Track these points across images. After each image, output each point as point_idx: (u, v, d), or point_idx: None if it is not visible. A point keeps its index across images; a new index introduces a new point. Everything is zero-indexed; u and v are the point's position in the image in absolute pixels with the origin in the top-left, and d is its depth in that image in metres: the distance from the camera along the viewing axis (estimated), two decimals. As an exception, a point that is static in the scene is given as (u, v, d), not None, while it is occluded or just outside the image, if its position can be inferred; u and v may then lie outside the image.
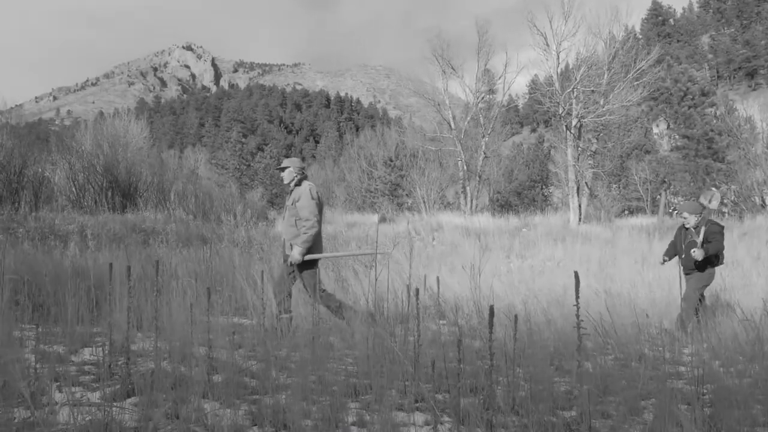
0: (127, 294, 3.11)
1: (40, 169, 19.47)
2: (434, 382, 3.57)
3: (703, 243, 6.25)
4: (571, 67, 30.33)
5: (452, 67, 34.83)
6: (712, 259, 6.36)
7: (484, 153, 35.38)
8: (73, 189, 19.05)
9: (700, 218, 6.47)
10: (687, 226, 6.54)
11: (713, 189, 7.11)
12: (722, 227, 6.47)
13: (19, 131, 20.41)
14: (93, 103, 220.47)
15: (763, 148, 32.03)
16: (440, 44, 35.09)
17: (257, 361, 3.76)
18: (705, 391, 3.47)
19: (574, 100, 28.12)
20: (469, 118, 35.79)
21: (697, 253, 6.13)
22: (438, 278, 5.33)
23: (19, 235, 8.10)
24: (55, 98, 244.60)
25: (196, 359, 3.37)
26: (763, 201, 30.36)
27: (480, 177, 35.94)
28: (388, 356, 3.80)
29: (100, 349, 3.27)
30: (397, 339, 4.02)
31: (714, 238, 6.28)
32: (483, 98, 36.09)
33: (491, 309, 2.93)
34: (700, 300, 6.36)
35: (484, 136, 35.25)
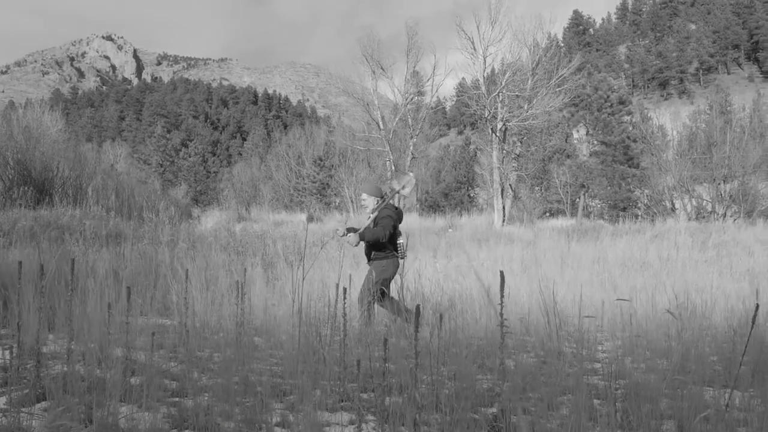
0: (38, 294, 2.94)
1: None
2: (360, 381, 3.57)
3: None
4: (497, 71, 31.22)
5: (382, 68, 35.07)
6: (387, 248, 5.59)
7: (412, 154, 35.86)
8: None
9: (381, 202, 5.74)
10: (367, 210, 5.85)
11: (410, 174, 6.31)
12: (396, 212, 5.66)
13: None
14: (2, 92, 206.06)
15: (674, 154, 34.17)
16: (371, 44, 35.28)
17: (178, 362, 3.65)
18: (617, 386, 3.64)
19: (499, 104, 28.94)
20: (397, 119, 36.13)
21: (351, 239, 5.43)
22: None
23: None
24: None
25: (112, 361, 3.24)
26: (673, 205, 32.42)
27: (408, 177, 36.34)
28: (314, 356, 3.78)
29: (8, 351, 3.07)
30: (324, 338, 4.01)
31: (381, 223, 5.49)
32: (412, 99, 36.52)
33: (417, 308, 2.98)
34: (383, 295, 5.57)
35: (412, 137, 35.72)
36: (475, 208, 43.24)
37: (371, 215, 5.69)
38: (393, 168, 34.70)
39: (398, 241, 5.73)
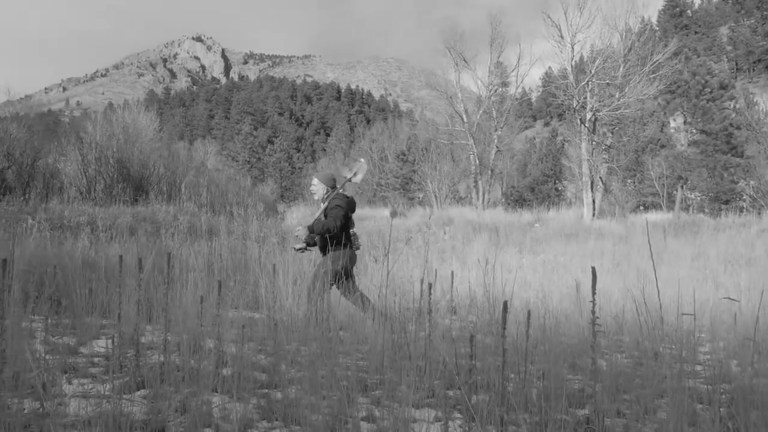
0: (137, 286, 3.10)
1: (51, 161, 19.57)
2: (445, 378, 3.54)
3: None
4: (585, 59, 30.03)
5: (465, 60, 34.62)
6: (340, 239, 5.31)
7: (497, 147, 35.16)
8: (84, 180, 19.09)
9: (330, 191, 5.47)
10: (315, 197, 5.58)
11: (361, 160, 5.97)
12: (346, 201, 5.38)
13: (29, 122, 20.51)
14: (102, 94, 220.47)
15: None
16: (453, 36, 34.93)
17: (267, 355, 3.75)
18: (722, 390, 3.41)
19: (588, 93, 27.81)
20: (481, 112, 35.56)
21: (300, 232, 5.22)
22: (452, 273, 5.29)
23: (29, 226, 8.18)
24: (64, 89, 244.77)
25: (205, 352, 3.37)
26: (782, 197, 29.93)
27: (492, 171, 35.75)
28: (399, 352, 3.78)
29: (110, 341, 3.28)
30: (409, 334, 3.99)
31: (331, 213, 5.24)
32: (496, 91, 35.82)
33: (505, 305, 2.90)
34: (347, 287, 5.30)
35: (496, 130, 35.02)
36: (563, 202, 41.81)
37: (322, 205, 5.43)
38: (477, 162, 34.22)
39: (351, 231, 5.49)
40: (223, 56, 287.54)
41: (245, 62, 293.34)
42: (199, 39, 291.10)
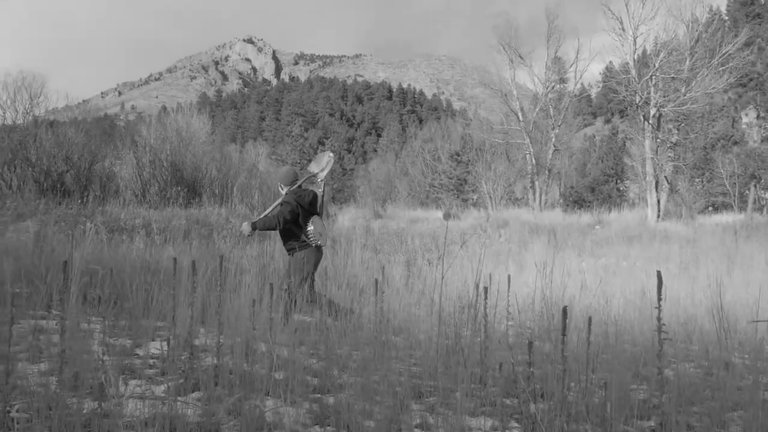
0: (191, 289, 3.16)
1: (107, 164, 20.37)
2: (502, 385, 3.45)
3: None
4: (649, 52, 28.91)
5: (520, 56, 34.00)
6: (298, 237, 5.23)
7: (554, 146, 34.35)
8: (139, 183, 19.72)
9: (290, 187, 5.38)
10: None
11: (328, 153, 5.87)
12: (298, 197, 5.26)
13: (87, 126, 21.38)
14: (156, 97, 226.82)
15: None
16: (507, 32, 34.35)
17: (319, 359, 3.75)
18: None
19: (652, 88, 26.80)
20: (538, 109, 34.84)
21: (244, 227, 5.12)
22: (509, 277, 5.17)
23: (87, 229, 8.56)
24: (120, 93, 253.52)
25: (258, 356, 3.39)
26: None
27: (550, 171, 34.97)
28: (453, 357, 3.71)
29: (165, 343, 3.34)
30: (463, 340, 3.92)
31: (277, 210, 5.19)
32: (553, 88, 35.01)
33: (564, 310, 2.80)
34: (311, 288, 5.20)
35: (554, 128, 34.22)
36: (626, 202, 40.47)
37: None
38: (534, 161, 33.54)
39: (308, 228, 5.29)
40: (274, 57, 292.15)
41: (296, 63, 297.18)
42: (250, 41, 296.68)
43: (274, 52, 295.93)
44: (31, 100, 19.32)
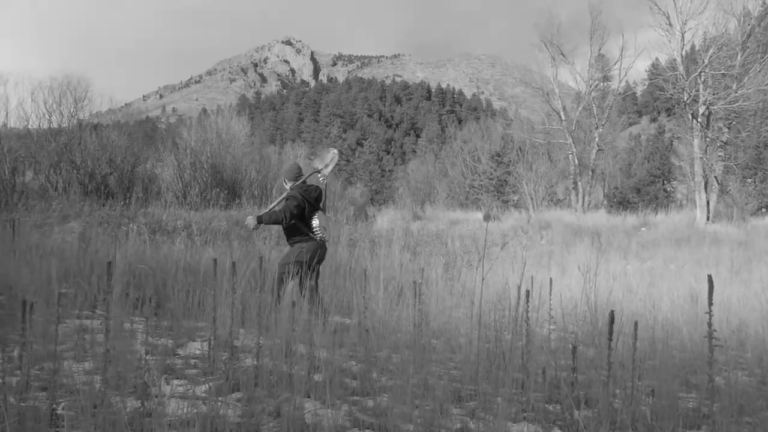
0: (231, 290, 3.19)
1: (149, 166, 20.82)
2: (544, 391, 3.39)
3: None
4: (697, 48, 28.00)
5: (562, 53, 33.34)
6: (302, 231, 5.23)
7: (598, 145, 33.60)
8: (180, 185, 20.09)
9: (294, 183, 5.39)
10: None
11: (331, 149, 5.87)
12: (304, 192, 5.27)
13: (129, 129, 21.89)
14: (196, 100, 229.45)
15: None
16: (549, 29, 33.68)
17: (358, 362, 3.74)
18: None
19: (701, 85, 25.95)
20: (581, 108, 34.14)
21: (249, 220, 5.15)
22: (551, 279, 5.07)
23: (129, 230, 8.79)
24: (161, 96, 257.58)
25: (297, 357, 3.41)
26: None
27: (593, 171, 34.21)
28: (494, 362, 3.65)
29: (206, 343, 3.39)
30: (504, 344, 3.85)
31: (282, 205, 5.20)
32: (596, 86, 34.24)
33: (611, 314, 2.73)
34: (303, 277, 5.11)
35: (597, 128, 33.48)
36: (673, 204, 39.31)
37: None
38: (576, 162, 32.89)
39: (313, 223, 5.28)
40: (312, 59, 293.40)
41: (334, 64, 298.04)
42: (288, 42, 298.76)
43: (312, 53, 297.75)
44: (76, 104, 19.78)
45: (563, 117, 33.38)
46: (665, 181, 46.57)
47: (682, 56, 26.84)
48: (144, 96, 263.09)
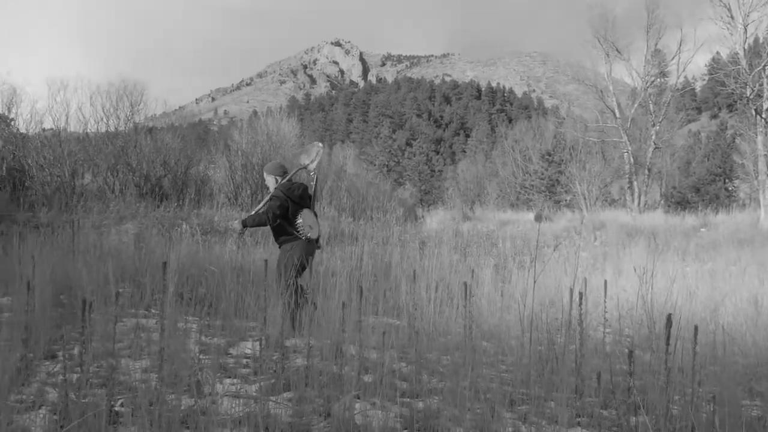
0: (282, 290, 3.23)
1: (201, 168, 21.34)
2: (599, 396, 3.29)
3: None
4: (761, 41, 26.73)
5: (617, 49, 32.37)
6: (288, 231, 5.09)
7: (655, 143, 32.47)
8: (231, 186, 20.51)
9: (280, 180, 5.26)
10: (268, 190, 5.38)
11: (317, 143, 5.64)
12: (287, 191, 5.10)
13: (183, 132, 22.43)
14: (247, 102, 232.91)
15: None
16: (603, 24, 32.74)
17: (408, 363, 3.73)
18: None
19: (765, 80, 24.78)
20: (636, 105, 33.07)
21: (235, 224, 5.10)
22: (605, 282, 4.92)
23: (183, 231, 9.02)
24: (213, 99, 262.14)
25: (347, 358, 3.42)
26: None
27: (649, 170, 33.09)
28: (546, 365, 3.58)
29: (257, 343, 3.44)
30: (557, 347, 3.77)
31: (267, 206, 5.08)
32: (653, 82, 33.09)
33: (669, 318, 2.63)
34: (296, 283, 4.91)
35: (654, 125, 32.36)
36: (735, 203, 37.59)
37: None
38: (632, 160, 31.90)
39: (297, 221, 5.12)
40: (361, 59, 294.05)
41: (383, 64, 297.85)
42: (337, 43, 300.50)
43: (361, 54, 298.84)
44: (132, 108, 20.42)
45: (618, 114, 32.43)
46: (726, 180, 44.57)
47: (744, 50, 25.70)
48: (196, 99, 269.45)
